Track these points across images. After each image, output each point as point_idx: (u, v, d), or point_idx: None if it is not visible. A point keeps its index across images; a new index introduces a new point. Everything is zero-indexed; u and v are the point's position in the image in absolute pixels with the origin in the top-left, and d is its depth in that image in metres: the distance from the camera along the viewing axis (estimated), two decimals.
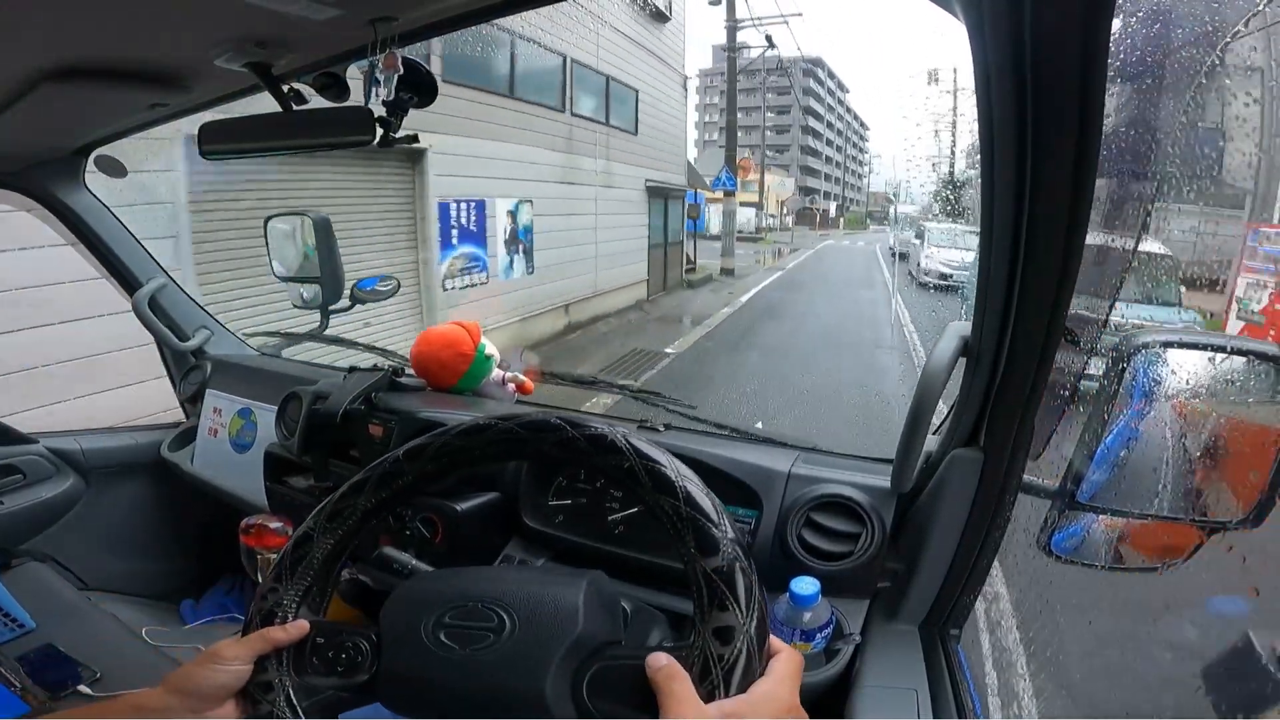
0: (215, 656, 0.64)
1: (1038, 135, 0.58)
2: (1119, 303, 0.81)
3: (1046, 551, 0.88)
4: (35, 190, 1.61)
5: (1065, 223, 0.62)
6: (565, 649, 0.60)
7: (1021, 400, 0.78)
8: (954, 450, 0.90)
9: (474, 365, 1.45)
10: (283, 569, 0.71)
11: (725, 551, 0.60)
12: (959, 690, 0.87)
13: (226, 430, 1.74)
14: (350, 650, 0.66)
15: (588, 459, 0.68)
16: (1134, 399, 0.78)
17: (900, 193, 47.29)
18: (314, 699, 0.67)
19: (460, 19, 0.89)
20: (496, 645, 0.61)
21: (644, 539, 1.06)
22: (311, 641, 0.67)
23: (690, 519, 0.62)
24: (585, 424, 0.68)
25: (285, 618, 0.68)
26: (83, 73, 0.95)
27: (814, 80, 62.72)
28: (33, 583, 1.58)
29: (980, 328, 0.78)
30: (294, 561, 0.71)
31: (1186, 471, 0.80)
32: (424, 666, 0.63)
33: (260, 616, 0.69)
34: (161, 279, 1.84)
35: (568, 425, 0.69)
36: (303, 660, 0.67)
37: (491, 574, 0.72)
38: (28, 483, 1.72)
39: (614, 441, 0.67)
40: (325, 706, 0.68)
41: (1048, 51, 0.53)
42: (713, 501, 0.63)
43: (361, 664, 0.66)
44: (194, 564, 1.95)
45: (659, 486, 0.64)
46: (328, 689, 0.67)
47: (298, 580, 0.70)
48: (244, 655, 0.65)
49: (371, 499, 0.71)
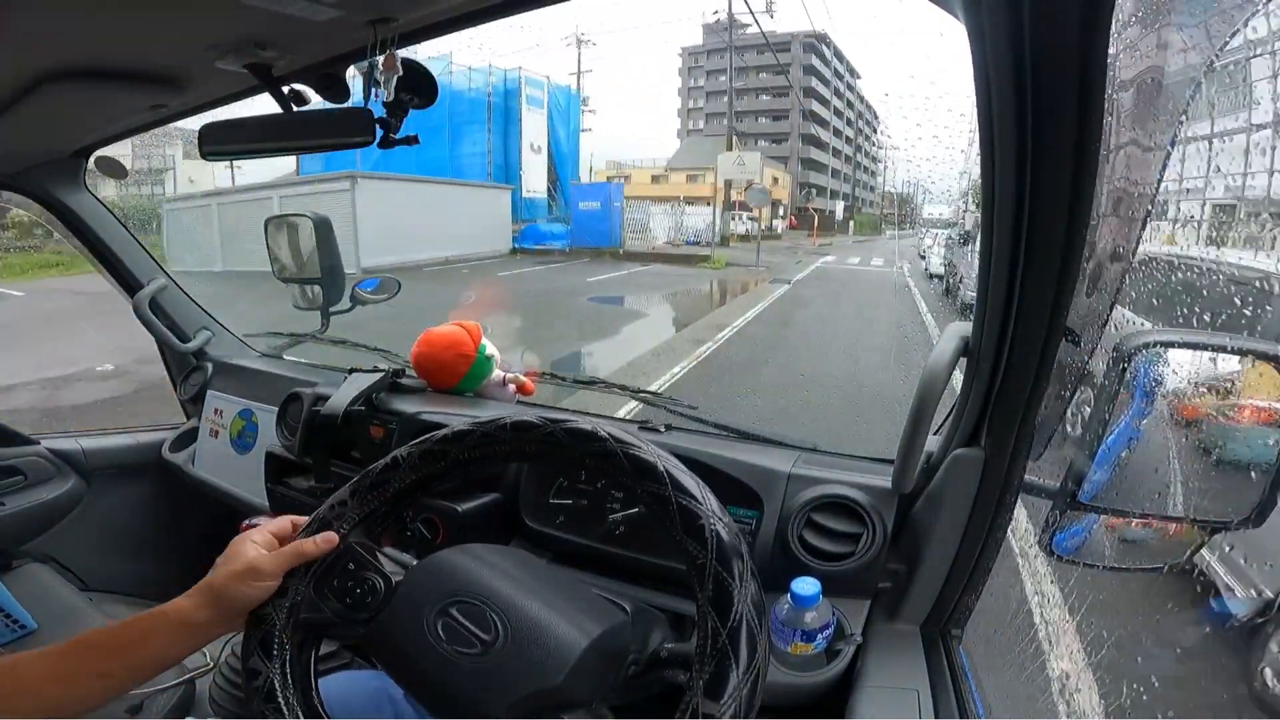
0: (255, 573, 0.69)
1: (1038, 135, 0.58)
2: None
3: (1048, 552, 0.88)
4: (36, 191, 1.61)
5: (1065, 222, 0.62)
6: (531, 693, 0.61)
7: (1022, 400, 0.78)
8: (955, 450, 0.90)
9: (475, 366, 1.45)
10: (360, 487, 0.75)
11: (716, 531, 0.61)
12: (960, 691, 0.87)
13: (227, 431, 1.74)
14: (366, 588, 0.70)
15: (569, 453, 0.70)
16: (1135, 398, 0.78)
17: (917, 192, 40.32)
18: (313, 615, 0.70)
19: (459, 20, 0.89)
20: (478, 657, 0.63)
21: (645, 539, 1.06)
22: (342, 565, 0.71)
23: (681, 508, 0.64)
24: (565, 420, 0.70)
25: (340, 530, 0.73)
26: (83, 74, 0.95)
27: (817, 58, 50.36)
28: (34, 584, 1.58)
29: (981, 327, 0.78)
30: (373, 484, 0.75)
31: (1187, 471, 0.80)
32: (410, 642, 0.66)
33: (317, 523, 0.74)
34: (162, 280, 1.84)
35: (549, 422, 0.71)
36: (327, 576, 0.71)
37: (525, 577, 0.71)
38: (29, 484, 1.72)
39: (595, 432, 0.69)
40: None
41: (1047, 52, 0.53)
42: (699, 486, 0.65)
43: (369, 605, 0.70)
44: (195, 565, 1.92)
45: (641, 473, 0.66)
46: (329, 613, 0.70)
47: (368, 502, 0.74)
48: (278, 571, 0.69)
49: (467, 453, 0.74)
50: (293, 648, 0.70)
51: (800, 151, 51.74)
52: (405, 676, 0.68)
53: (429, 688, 0.66)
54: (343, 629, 0.71)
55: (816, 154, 52.77)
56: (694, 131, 51.25)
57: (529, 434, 0.72)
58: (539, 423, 0.72)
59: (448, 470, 0.75)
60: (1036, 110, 0.56)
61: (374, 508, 0.75)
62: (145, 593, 1.87)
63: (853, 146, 60.13)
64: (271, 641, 0.69)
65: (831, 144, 55.15)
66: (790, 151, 51.03)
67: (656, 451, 0.68)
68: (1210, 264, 2.05)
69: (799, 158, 51.47)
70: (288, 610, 0.70)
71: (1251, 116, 2.36)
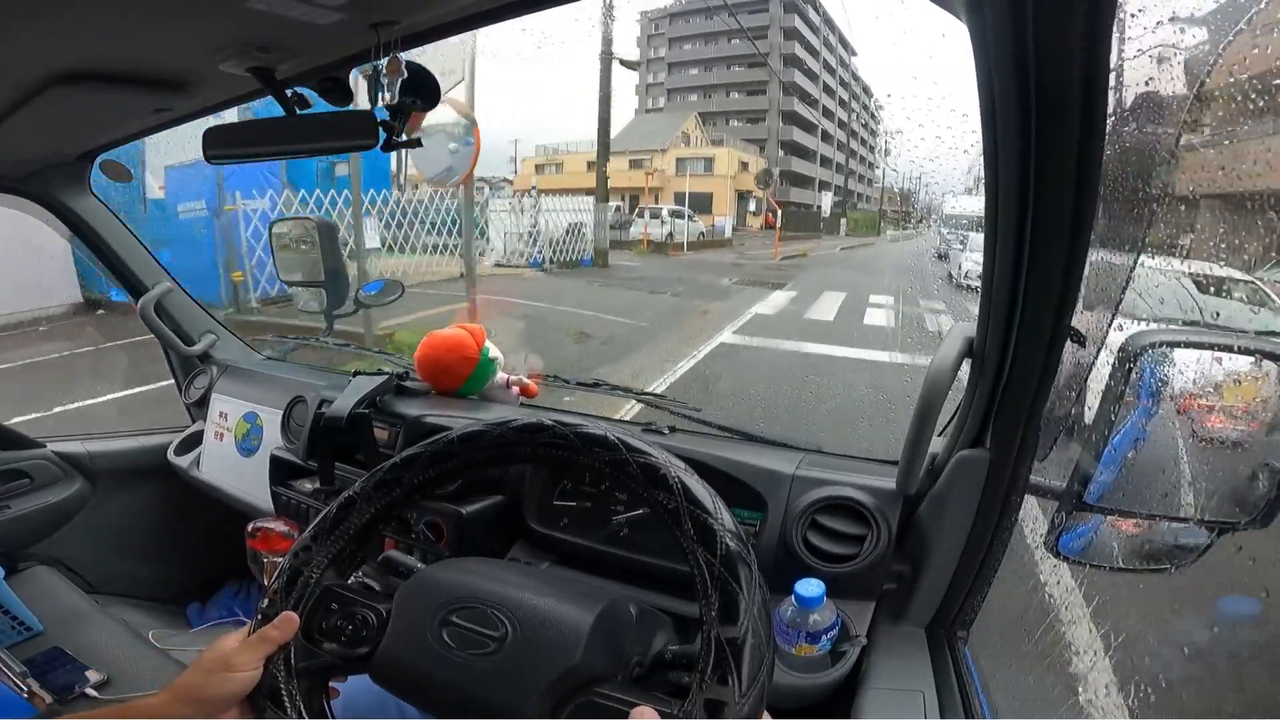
0: (226, 665, 0.66)
1: (1041, 136, 0.58)
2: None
3: (1054, 553, 0.87)
4: (41, 195, 1.62)
5: (1070, 222, 0.62)
6: (556, 676, 0.61)
7: (1027, 401, 0.78)
8: (960, 451, 0.89)
9: (478, 369, 1.45)
10: (321, 529, 0.74)
11: (726, 547, 0.61)
12: (966, 692, 0.87)
13: (232, 434, 1.75)
14: (359, 622, 0.69)
15: (580, 457, 0.70)
16: (1141, 399, 0.78)
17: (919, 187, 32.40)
18: (313, 661, 0.69)
19: (462, 23, 0.89)
20: (493, 655, 0.63)
21: (649, 541, 1.06)
22: (323, 608, 0.70)
23: (690, 514, 0.63)
24: (577, 423, 0.70)
25: (311, 577, 0.71)
26: (87, 77, 0.96)
27: (802, 21, 40.00)
28: (40, 586, 1.59)
29: (986, 329, 0.78)
30: (334, 523, 0.74)
31: (1194, 471, 0.80)
32: (420, 659, 0.65)
33: (288, 574, 0.72)
34: (167, 284, 1.85)
35: (559, 425, 0.71)
36: (311, 624, 0.70)
37: (512, 576, 0.71)
38: (35, 487, 1.73)
39: (605, 438, 0.68)
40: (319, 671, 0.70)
41: (1051, 52, 0.53)
42: (710, 494, 0.65)
43: (365, 638, 0.68)
44: (200, 568, 1.96)
45: (652, 481, 0.66)
46: (328, 656, 0.69)
47: (332, 542, 0.73)
48: (252, 662, 0.67)
49: (420, 475, 0.74)
50: (302, 695, 0.68)
51: (780, 132, 41.43)
52: (425, 696, 0.66)
53: (450, 699, 0.64)
54: (347, 667, 0.70)
55: (801, 137, 42.47)
56: (653, 111, 42.06)
57: (539, 437, 0.72)
58: (551, 426, 0.72)
59: (404, 497, 0.75)
60: (1040, 110, 0.56)
61: (339, 547, 0.73)
62: (151, 595, 1.88)
63: (846, 132, 49.50)
64: (280, 695, 0.68)
65: (821, 126, 44.78)
66: (768, 132, 41.08)
67: (669, 459, 0.67)
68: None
69: (779, 140, 41.31)
70: (285, 663, 0.68)
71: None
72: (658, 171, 30.55)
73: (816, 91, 43.76)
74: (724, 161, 33.26)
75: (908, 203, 42.69)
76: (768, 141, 40.97)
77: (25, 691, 1.20)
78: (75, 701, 1.24)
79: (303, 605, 0.70)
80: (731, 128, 41.14)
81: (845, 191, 49.20)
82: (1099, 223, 0.62)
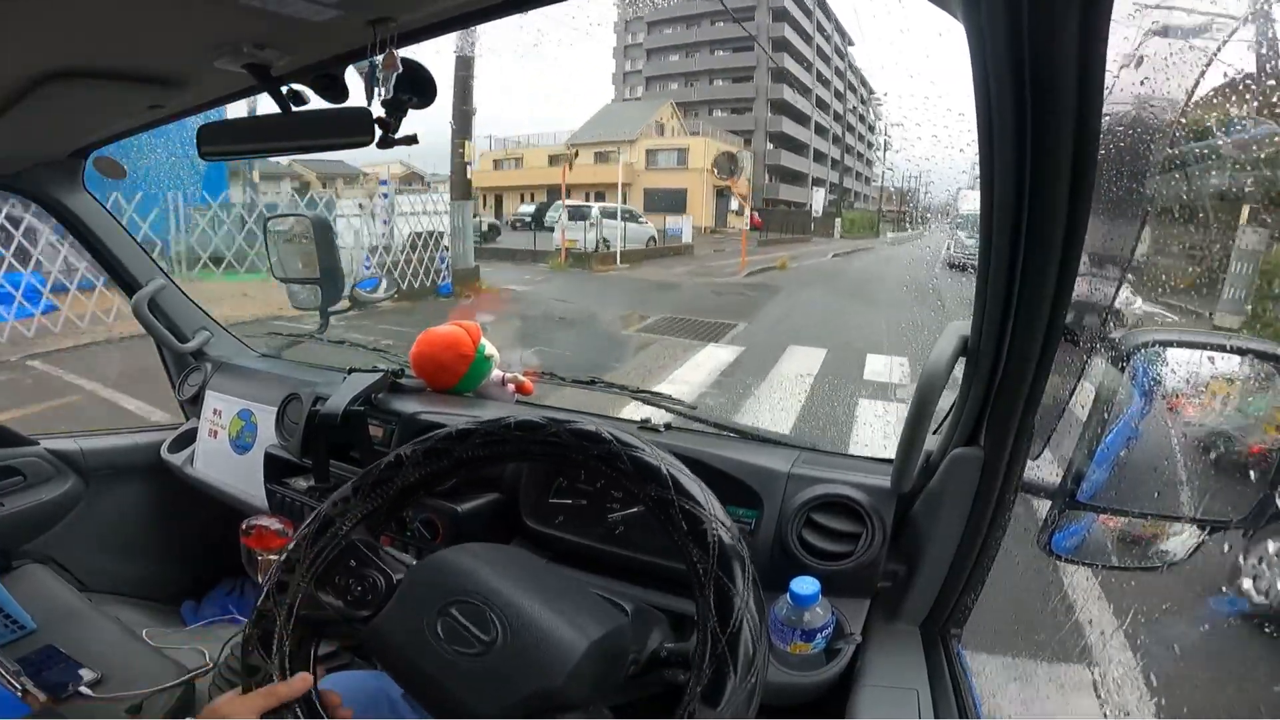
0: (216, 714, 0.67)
1: (1036, 135, 0.58)
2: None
3: (1047, 551, 0.88)
4: (34, 192, 1.61)
5: (1064, 222, 0.62)
6: (529, 693, 0.61)
7: (1021, 399, 0.79)
8: (954, 450, 0.90)
9: (474, 366, 1.45)
10: (363, 484, 0.75)
11: (718, 536, 0.61)
12: (960, 690, 0.87)
13: (226, 432, 1.74)
14: (367, 585, 0.71)
15: (572, 452, 0.70)
16: (1134, 398, 0.79)
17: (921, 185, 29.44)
18: (314, 612, 0.71)
19: (458, 19, 0.89)
20: (477, 657, 0.63)
21: (644, 539, 1.06)
22: (344, 562, 0.72)
23: (684, 511, 0.63)
24: (569, 420, 0.70)
25: (343, 528, 0.73)
26: (81, 74, 0.95)
27: (793, 2, 36.07)
28: (33, 585, 1.58)
29: (980, 327, 0.78)
30: (376, 481, 0.75)
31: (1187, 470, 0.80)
32: (408, 643, 0.66)
33: (321, 521, 0.74)
34: (161, 280, 1.84)
35: (552, 423, 0.72)
36: (329, 573, 0.72)
37: (527, 579, 0.70)
38: (28, 484, 1.72)
39: (599, 434, 0.69)
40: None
41: (1046, 52, 0.53)
42: (702, 490, 0.65)
43: (369, 603, 0.70)
44: (194, 566, 1.95)
45: (644, 476, 0.66)
46: (329, 610, 0.71)
47: (370, 499, 0.75)
48: (251, 714, 0.67)
49: (471, 452, 0.75)
50: (292, 644, 0.70)
51: (769, 123, 36.84)
52: (403, 675, 0.68)
53: (426, 687, 0.66)
54: (342, 626, 0.71)
55: (792, 129, 37.80)
56: (629, 101, 38.11)
57: (533, 434, 0.72)
58: (543, 423, 0.72)
59: (451, 469, 0.76)
60: (1036, 109, 0.56)
61: (376, 504, 0.75)
62: (145, 593, 1.88)
63: (842, 125, 44.60)
64: (271, 638, 0.69)
65: (815, 119, 40.08)
66: (755, 123, 36.58)
67: (660, 454, 0.68)
68: None
69: (767, 131, 36.77)
70: (288, 608, 0.70)
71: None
72: (627, 165, 27.03)
73: (809, 80, 39.32)
74: (699, 153, 28.50)
75: (907, 202, 38.10)
76: (754, 133, 36.75)
77: (19, 690, 1.20)
78: (69, 700, 1.23)
79: (325, 554, 0.72)
80: (715, 118, 36.72)
81: (841, 189, 45.15)
82: (1094, 222, 0.62)
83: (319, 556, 0.72)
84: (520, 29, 1.17)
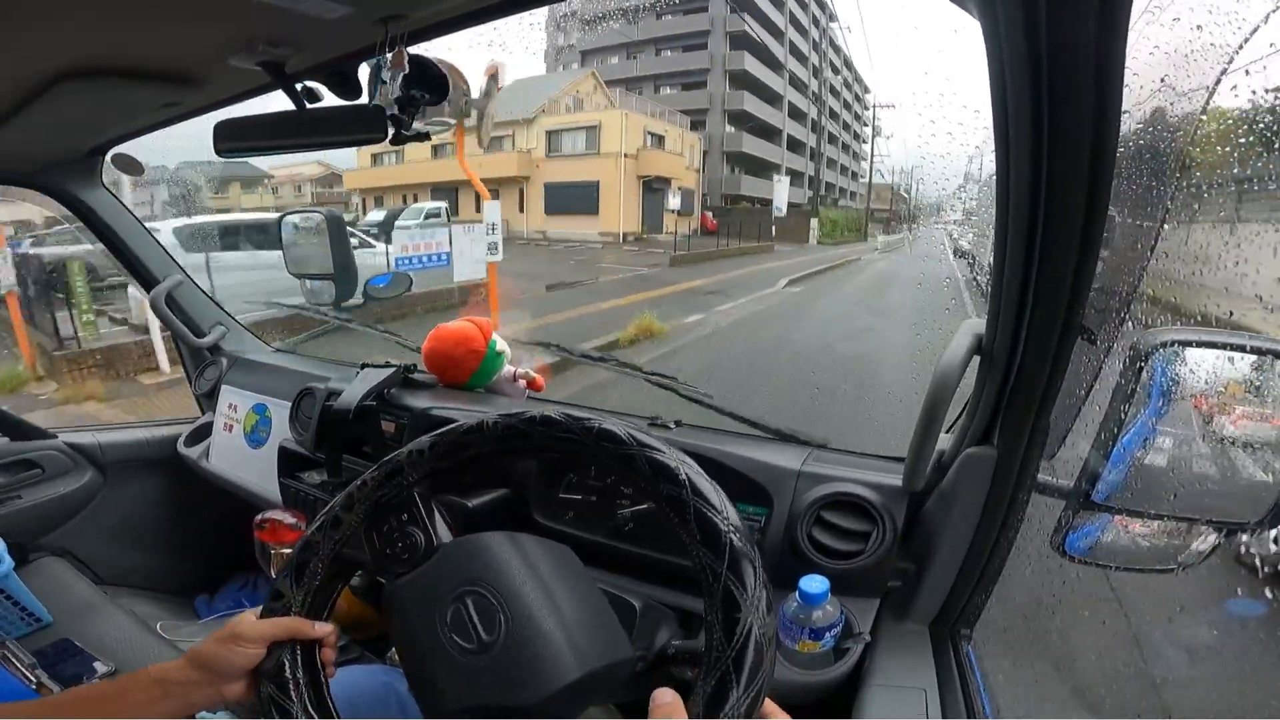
0: (235, 637, 0.68)
1: (1054, 133, 0.57)
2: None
3: (1060, 552, 0.87)
4: (53, 189, 1.64)
5: (1082, 220, 0.61)
6: (507, 704, 0.61)
7: (1036, 399, 0.78)
8: (967, 449, 0.89)
9: (485, 362, 1.45)
10: (441, 441, 0.75)
11: (731, 542, 0.61)
12: (969, 690, 0.86)
13: (241, 426, 1.76)
14: (408, 543, 0.71)
15: (589, 450, 0.70)
16: (1151, 398, 0.78)
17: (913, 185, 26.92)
18: (353, 552, 0.73)
19: (470, 16, 0.89)
20: (471, 653, 0.63)
21: (654, 536, 1.06)
22: (398, 513, 0.73)
23: (696, 510, 0.63)
24: (587, 417, 0.70)
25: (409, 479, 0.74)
26: (98, 72, 0.96)
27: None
28: (50, 577, 1.60)
29: (995, 325, 0.77)
30: (455, 443, 0.75)
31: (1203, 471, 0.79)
32: (416, 620, 0.66)
33: (390, 467, 0.75)
34: (178, 276, 1.86)
35: (569, 419, 0.71)
36: (382, 517, 0.73)
37: (556, 586, 0.69)
38: (46, 477, 1.75)
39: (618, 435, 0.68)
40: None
41: (1064, 49, 0.52)
42: (717, 492, 0.65)
43: (405, 560, 0.70)
44: (208, 559, 1.97)
45: (661, 477, 0.66)
46: (368, 554, 0.72)
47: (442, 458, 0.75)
48: (262, 638, 0.69)
49: (543, 440, 0.75)
50: (324, 579, 0.72)
51: (728, 100, 29.25)
52: (399, 637, 0.69)
53: (412, 657, 0.66)
54: (371, 574, 0.73)
55: (758, 107, 30.52)
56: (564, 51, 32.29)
57: (552, 430, 0.72)
58: (562, 419, 0.72)
59: (521, 451, 0.75)
60: (1053, 105, 0.56)
61: (447, 465, 0.75)
62: (160, 586, 1.90)
63: (820, 108, 37.22)
64: (306, 569, 0.71)
65: (789, 100, 32.72)
66: (710, 99, 29.26)
67: (678, 456, 0.67)
68: None
69: (725, 110, 29.42)
70: (335, 543, 0.72)
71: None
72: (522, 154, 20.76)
73: (781, 52, 31.78)
74: (615, 132, 20.17)
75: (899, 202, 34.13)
76: (709, 112, 29.51)
77: (34, 682, 1.21)
78: None
79: (386, 500, 0.73)
80: (663, 96, 29.75)
81: (818, 183, 37.05)
82: (1111, 220, 0.61)
83: (380, 500, 0.73)
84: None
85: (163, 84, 1.03)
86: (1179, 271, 0.78)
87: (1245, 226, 0.80)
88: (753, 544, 0.63)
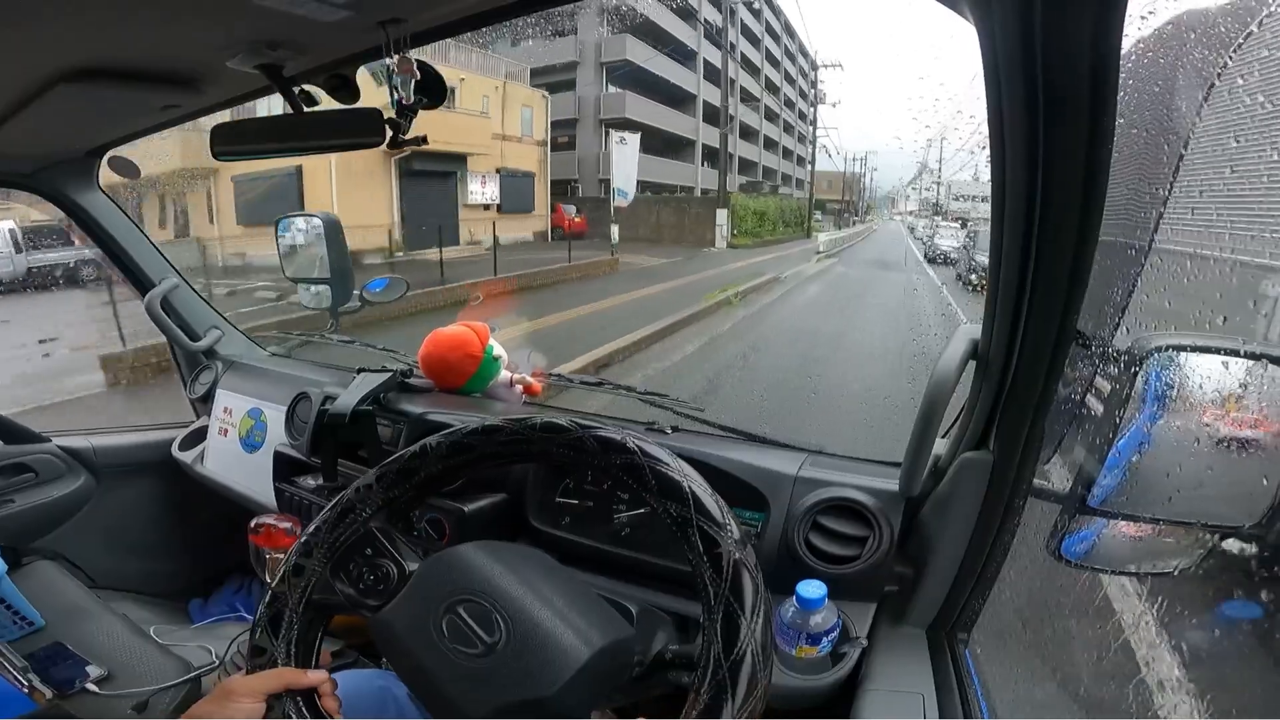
0: (228, 694, 0.67)
1: (1049, 136, 0.58)
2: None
3: (1057, 556, 0.87)
4: (49, 191, 1.63)
5: (1077, 224, 0.62)
6: (521, 700, 0.61)
7: (1032, 404, 0.78)
8: (963, 454, 0.89)
9: (482, 367, 1.45)
10: (386, 473, 0.76)
11: (734, 565, 0.61)
12: (966, 694, 0.86)
13: (237, 430, 1.75)
14: (381, 575, 0.71)
15: (595, 460, 0.69)
16: (1146, 403, 0.78)
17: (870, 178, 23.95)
18: (326, 597, 0.72)
19: (470, 20, 0.89)
20: (477, 658, 0.63)
21: (651, 540, 1.05)
22: (361, 550, 0.73)
23: (695, 524, 0.63)
24: (595, 426, 0.70)
25: (363, 514, 0.74)
26: (96, 74, 0.96)
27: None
28: (43, 581, 1.59)
29: (991, 330, 0.77)
30: (399, 471, 0.76)
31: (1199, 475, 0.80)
32: (412, 638, 0.66)
33: (343, 507, 0.75)
34: (174, 279, 1.86)
35: (578, 427, 0.71)
36: (345, 560, 0.73)
37: (538, 579, 0.69)
38: (39, 481, 1.74)
39: (624, 444, 0.68)
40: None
41: (1059, 52, 0.52)
42: (720, 507, 0.64)
43: (381, 592, 0.71)
44: (203, 564, 1.96)
45: (666, 492, 0.65)
46: (341, 596, 0.72)
47: (392, 488, 0.76)
48: (254, 692, 0.67)
49: (494, 449, 0.76)
50: (301, 628, 0.71)
51: (606, 48, 21.24)
52: (403, 668, 0.68)
53: (423, 682, 0.66)
54: (352, 612, 0.72)
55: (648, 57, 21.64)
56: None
57: (558, 436, 0.72)
58: (569, 426, 0.72)
59: (474, 463, 0.76)
60: (1048, 109, 0.56)
61: (398, 494, 0.75)
62: (153, 591, 1.89)
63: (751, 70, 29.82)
64: (281, 621, 0.70)
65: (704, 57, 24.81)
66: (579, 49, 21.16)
67: (684, 469, 0.67)
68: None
69: (602, 62, 21.30)
70: (302, 591, 0.71)
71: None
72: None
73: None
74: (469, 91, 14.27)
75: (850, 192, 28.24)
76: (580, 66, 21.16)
77: (26, 686, 1.20)
78: (75, 697, 1.24)
79: (344, 540, 0.73)
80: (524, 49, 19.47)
81: (762, 170, 29.59)
82: (1106, 224, 0.62)
83: (337, 542, 0.73)
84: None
85: (162, 86, 1.03)
86: (1173, 276, 0.78)
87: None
88: (755, 563, 0.63)
